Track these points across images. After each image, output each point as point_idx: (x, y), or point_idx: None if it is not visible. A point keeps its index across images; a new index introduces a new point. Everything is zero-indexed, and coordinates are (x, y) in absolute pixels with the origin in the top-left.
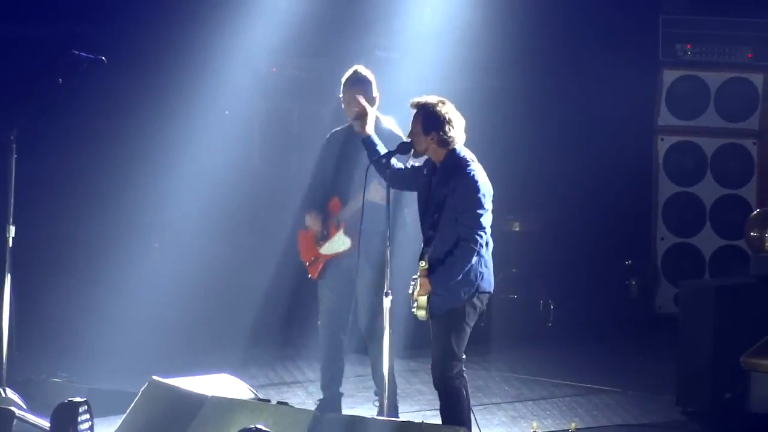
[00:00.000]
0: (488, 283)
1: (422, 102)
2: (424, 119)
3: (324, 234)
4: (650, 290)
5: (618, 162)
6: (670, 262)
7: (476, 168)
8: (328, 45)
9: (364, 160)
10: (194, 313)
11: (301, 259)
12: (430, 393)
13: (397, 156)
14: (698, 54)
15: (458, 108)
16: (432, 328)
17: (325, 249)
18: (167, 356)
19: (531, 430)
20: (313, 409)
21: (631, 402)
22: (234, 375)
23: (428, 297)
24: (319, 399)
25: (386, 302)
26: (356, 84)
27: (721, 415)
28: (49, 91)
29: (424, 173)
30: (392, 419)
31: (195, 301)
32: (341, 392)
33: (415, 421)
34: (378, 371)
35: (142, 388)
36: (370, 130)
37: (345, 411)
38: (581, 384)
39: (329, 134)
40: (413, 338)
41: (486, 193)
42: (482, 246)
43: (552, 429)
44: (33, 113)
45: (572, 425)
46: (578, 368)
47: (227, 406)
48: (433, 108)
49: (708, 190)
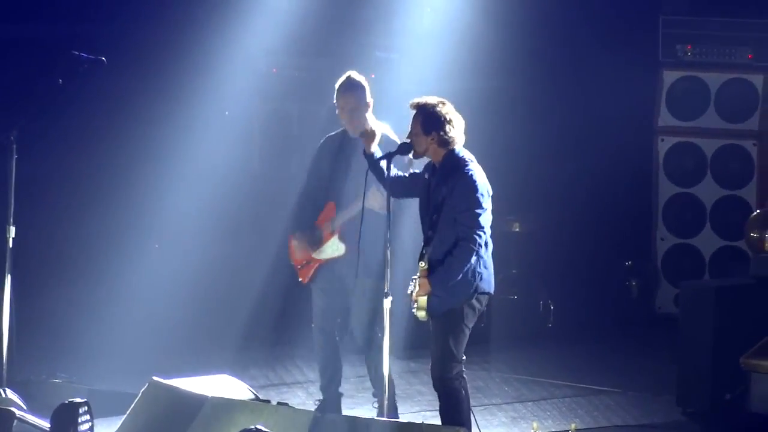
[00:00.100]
0: (487, 284)
1: (422, 102)
2: (424, 119)
3: (318, 239)
4: (650, 291)
5: (618, 163)
6: (670, 263)
7: (475, 168)
8: (328, 46)
9: (357, 165)
10: (194, 314)
11: (292, 262)
12: (430, 393)
13: (397, 160)
14: (698, 55)
15: (458, 109)
16: (431, 329)
17: (319, 253)
18: (167, 357)
19: (531, 431)
20: (313, 410)
21: (631, 403)
22: (234, 375)
23: (428, 297)
24: (319, 399)
25: (386, 303)
26: (349, 90)
27: (721, 416)
28: (49, 92)
29: (425, 177)
30: (392, 420)
31: (195, 302)
32: (341, 392)
33: (415, 422)
34: (376, 373)
35: (143, 389)
36: (375, 149)
37: (345, 412)
38: (581, 385)
39: (323, 140)
40: (413, 339)
41: (484, 193)
42: (481, 246)
43: (552, 430)
44: (33, 114)
45: (572, 426)
46: (578, 369)
47: (227, 407)
48: (434, 108)
49: (708, 191)
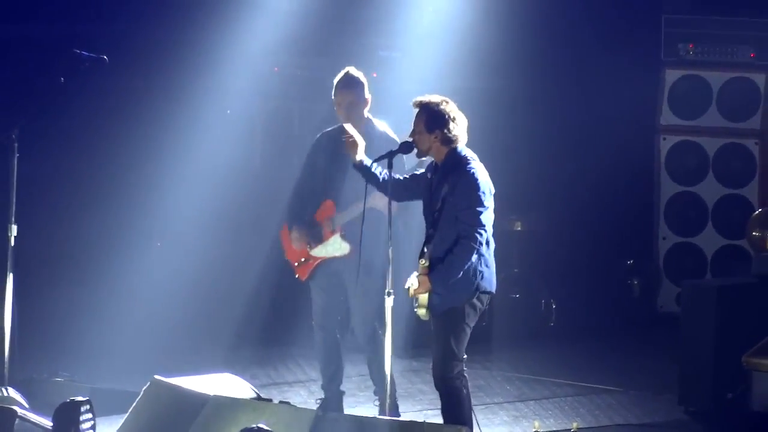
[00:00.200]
0: (489, 283)
1: (425, 101)
2: (428, 118)
3: (318, 236)
4: (652, 290)
5: (620, 161)
6: (672, 262)
7: (477, 166)
8: (330, 44)
9: None
10: (196, 312)
11: (287, 259)
12: (432, 392)
13: (397, 161)
14: (700, 53)
15: (460, 108)
16: (432, 328)
17: (318, 251)
18: (169, 355)
19: (533, 430)
20: (315, 409)
21: (633, 401)
22: (236, 374)
23: (429, 295)
24: (321, 398)
25: (389, 301)
26: (347, 85)
27: (723, 415)
28: (51, 91)
29: (428, 176)
30: (394, 418)
31: (197, 301)
32: (342, 391)
33: (417, 421)
34: (376, 372)
35: (144, 388)
36: (361, 156)
37: (347, 410)
38: (583, 383)
39: (319, 134)
40: (415, 338)
41: (486, 191)
42: (482, 244)
43: (554, 429)
44: (34, 113)
45: (574, 425)
46: (580, 368)
47: (229, 406)
48: (437, 107)
49: (710, 190)
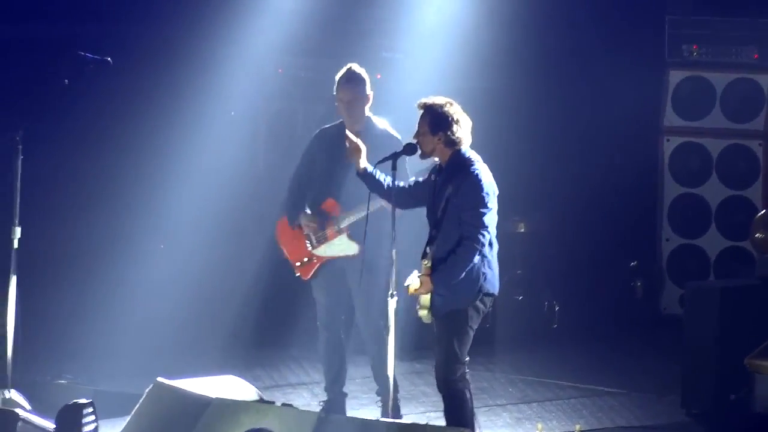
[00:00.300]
0: (492, 285)
1: (429, 103)
2: (432, 119)
3: (322, 235)
4: (655, 291)
5: (623, 163)
6: (675, 263)
7: (480, 167)
8: (334, 46)
9: None
10: (199, 314)
11: (287, 257)
12: (435, 395)
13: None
14: (704, 54)
15: (463, 108)
16: (435, 331)
17: (323, 251)
18: (172, 357)
19: None
20: (318, 411)
21: (636, 403)
22: (239, 376)
23: (431, 296)
24: (324, 400)
25: (392, 303)
26: (349, 81)
27: (726, 417)
28: (55, 92)
29: (432, 179)
30: (397, 421)
31: (200, 302)
32: (345, 393)
33: (420, 423)
34: (379, 372)
35: (147, 390)
36: (365, 164)
37: (350, 412)
38: (586, 386)
39: (318, 130)
40: (418, 340)
41: (490, 192)
42: (484, 245)
43: (557, 431)
44: (38, 114)
45: (577, 427)
46: (583, 370)
47: (232, 408)
48: (441, 108)
49: (713, 191)
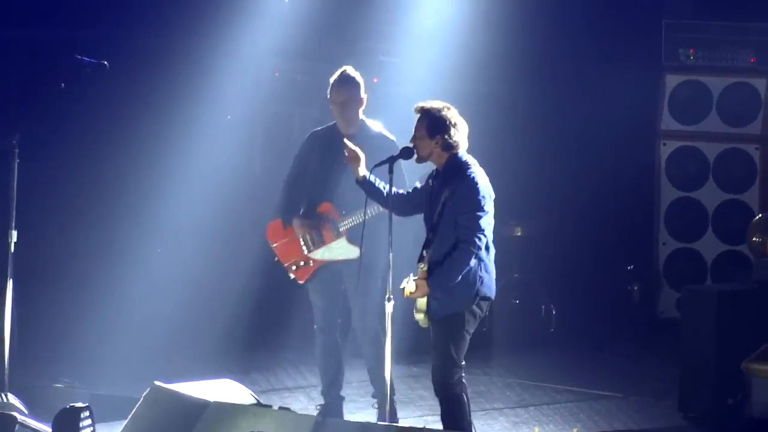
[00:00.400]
0: (489, 289)
1: (427, 107)
2: (429, 123)
3: (319, 239)
4: (652, 295)
5: (620, 167)
6: (672, 267)
7: (477, 171)
8: (330, 49)
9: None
10: (196, 318)
11: (280, 260)
12: (432, 398)
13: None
14: (701, 59)
15: (460, 112)
16: (432, 335)
17: (321, 254)
18: (169, 361)
19: None
20: (315, 414)
21: (633, 407)
22: (236, 380)
23: (427, 300)
24: (321, 404)
25: (388, 307)
26: (342, 83)
27: (723, 421)
28: (52, 96)
29: (429, 183)
30: (394, 424)
31: (197, 306)
32: (342, 396)
33: (417, 427)
34: (375, 375)
35: (144, 394)
36: (364, 172)
37: (347, 416)
38: (583, 389)
39: (310, 133)
40: (415, 343)
41: (486, 196)
42: (481, 248)
43: None
44: (35, 118)
45: (574, 431)
46: (580, 373)
47: (229, 412)
48: (439, 112)
49: (710, 195)
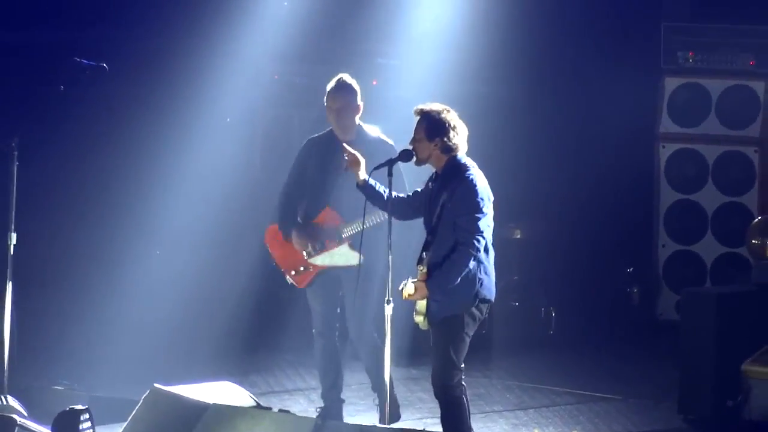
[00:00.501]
0: (488, 291)
1: (426, 109)
2: (429, 125)
3: (320, 245)
4: (651, 297)
5: (619, 169)
6: (672, 270)
7: (475, 173)
8: (330, 52)
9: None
10: (196, 320)
11: (279, 265)
12: (431, 401)
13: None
14: (700, 61)
15: (460, 115)
16: (432, 337)
17: (322, 260)
18: (169, 364)
19: None
20: (315, 417)
21: (633, 410)
22: (235, 382)
23: (427, 302)
24: (320, 406)
25: (388, 309)
26: (338, 90)
27: (723, 423)
28: (51, 99)
29: (429, 186)
30: (394, 428)
31: (196, 308)
32: (342, 399)
33: (417, 429)
34: (375, 376)
35: (144, 396)
36: (365, 176)
37: (347, 418)
38: (582, 392)
39: (307, 140)
40: (414, 346)
41: (485, 198)
42: (479, 251)
43: None
44: (35, 120)
45: None
46: (579, 376)
47: (229, 414)
48: (439, 115)
49: (709, 198)
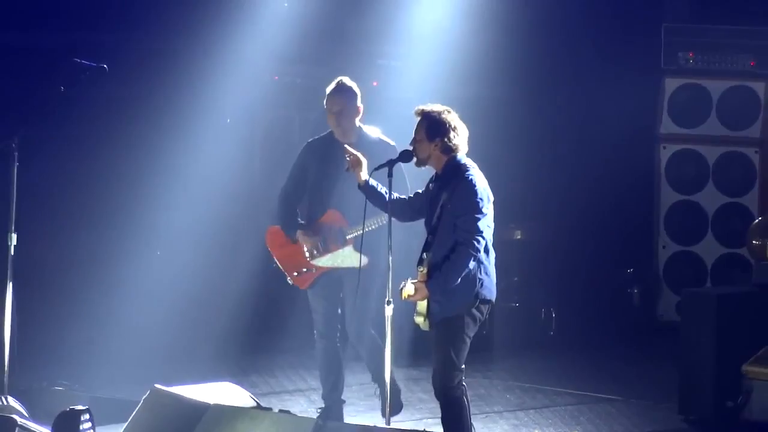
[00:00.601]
0: (489, 291)
1: (427, 110)
2: (429, 126)
3: (324, 247)
4: (652, 298)
5: (620, 170)
6: (672, 270)
7: (475, 173)
8: (330, 53)
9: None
10: (196, 321)
11: (280, 265)
12: (432, 401)
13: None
14: (700, 62)
15: (461, 116)
16: (433, 338)
17: (325, 261)
18: (169, 364)
19: None
20: (315, 418)
21: (633, 410)
22: (235, 383)
23: (427, 303)
24: (321, 407)
25: (388, 310)
26: (339, 92)
27: (723, 424)
28: (51, 99)
29: (430, 188)
30: (394, 428)
31: (197, 309)
32: (343, 400)
33: (417, 429)
34: (374, 367)
35: (144, 396)
36: (366, 176)
37: (347, 419)
38: (583, 392)
39: (306, 143)
40: (414, 346)
41: (484, 198)
42: (479, 251)
43: None
44: (35, 121)
45: None
46: (580, 377)
47: (229, 414)
48: (439, 115)
49: (710, 199)
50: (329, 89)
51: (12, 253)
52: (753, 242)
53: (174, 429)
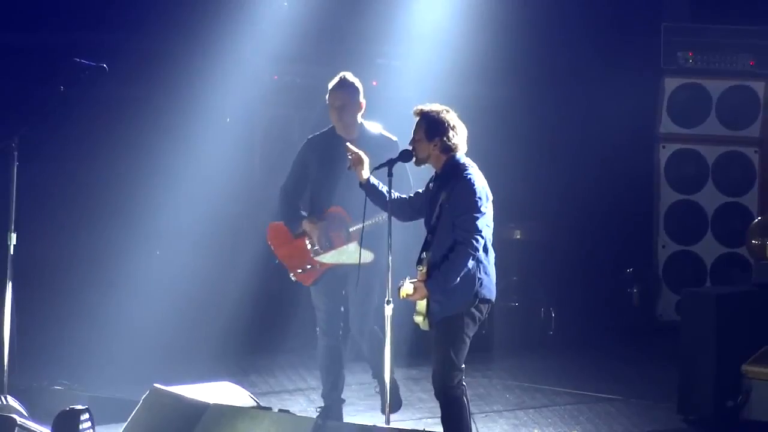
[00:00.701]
0: (488, 291)
1: (426, 109)
2: (428, 125)
3: (327, 243)
4: (651, 298)
5: (619, 170)
6: (672, 270)
7: (474, 172)
8: (330, 53)
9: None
10: (195, 321)
11: (283, 261)
12: (432, 401)
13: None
14: (700, 62)
15: (460, 116)
16: (432, 338)
17: (330, 258)
18: (169, 364)
19: None
20: (315, 417)
21: (633, 410)
22: (235, 382)
23: (427, 303)
24: (320, 406)
25: (388, 309)
26: (341, 88)
27: (723, 423)
28: (51, 99)
29: (429, 187)
30: (394, 428)
31: (196, 309)
32: (343, 399)
33: (417, 429)
34: (374, 364)
35: (144, 396)
36: (368, 174)
37: (347, 418)
38: (582, 392)
39: (306, 140)
40: (414, 346)
41: (483, 197)
42: (478, 250)
43: None
44: (35, 121)
45: None
46: (579, 376)
47: (229, 414)
48: (438, 115)
49: (709, 198)
50: (332, 84)
51: (12, 253)
52: (752, 242)
53: (174, 428)
